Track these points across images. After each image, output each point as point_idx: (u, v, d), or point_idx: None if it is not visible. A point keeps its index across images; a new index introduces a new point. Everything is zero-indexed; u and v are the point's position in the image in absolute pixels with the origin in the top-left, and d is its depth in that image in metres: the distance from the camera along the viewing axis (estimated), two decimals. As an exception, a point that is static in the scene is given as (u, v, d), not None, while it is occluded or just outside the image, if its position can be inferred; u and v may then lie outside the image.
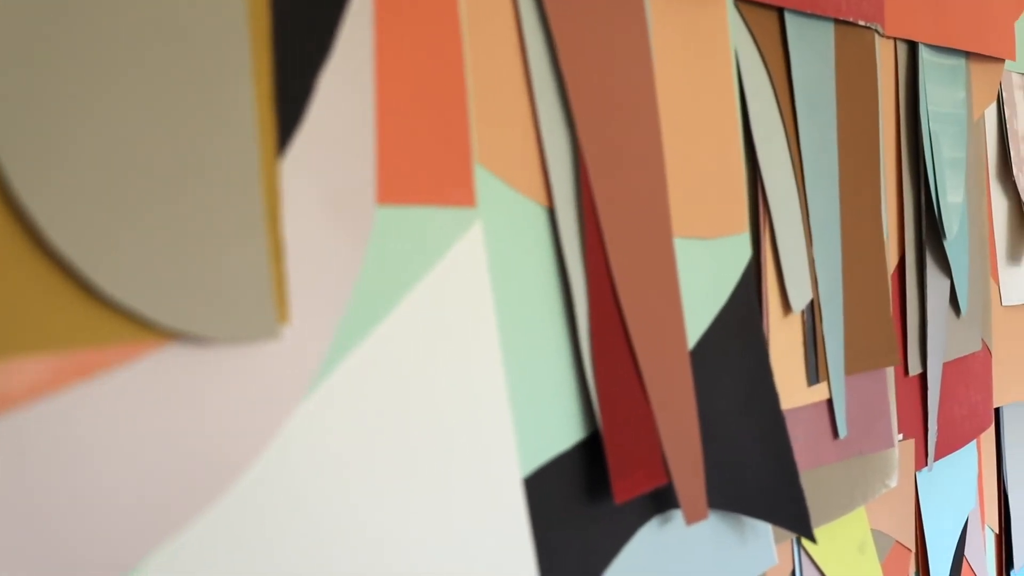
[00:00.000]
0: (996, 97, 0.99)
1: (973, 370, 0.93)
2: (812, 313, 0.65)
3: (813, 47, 0.67)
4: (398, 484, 0.36)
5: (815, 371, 0.66)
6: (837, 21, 0.69)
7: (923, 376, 0.83)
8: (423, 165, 0.37)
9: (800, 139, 0.65)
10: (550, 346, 0.44)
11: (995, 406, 0.99)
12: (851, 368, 0.69)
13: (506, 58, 0.43)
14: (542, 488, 0.43)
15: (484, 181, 0.41)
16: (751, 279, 0.57)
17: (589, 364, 0.46)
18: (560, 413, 0.45)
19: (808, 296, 0.64)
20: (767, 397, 0.57)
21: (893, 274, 0.79)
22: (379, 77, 0.36)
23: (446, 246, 0.38)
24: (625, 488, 0.46)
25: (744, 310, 0.56)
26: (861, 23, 0.71)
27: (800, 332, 0.64)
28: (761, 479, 0.55)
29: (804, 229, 0.65)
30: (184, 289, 0.30)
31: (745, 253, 0.57)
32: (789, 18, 0.64)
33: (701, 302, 0.53)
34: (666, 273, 0.49)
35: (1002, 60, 0.95)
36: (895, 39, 0.79)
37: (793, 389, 0.64)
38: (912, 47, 0.82)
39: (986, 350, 0.95)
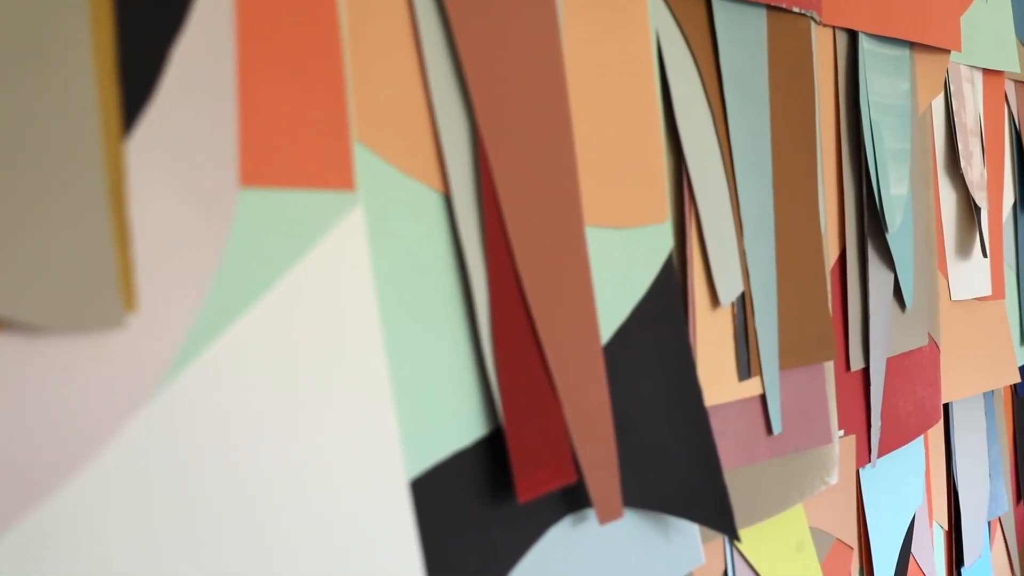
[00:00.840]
0: (943, 89, 0.98)
1: (920, 365, 0.92)
2: (743, 306, 0.64)
3: (743, 33, 0.65)
4: (265, 489, 0.34)
5: (747, 366, 0.64)
6: (770, 7, 0.68)
7: (866, 371, 0.81)
8: (294, 145, 0.35)
9: (729, 127, 0.63)
10: (446, 339, 0.42)
11: (944, 401, 0.97)
12: (786, 363, 0.68)
13: (394, 34, 0.41)
14: (437, 487, 0.41)
15: (369, 164, 0.39)
16: (672, 270, 0.55)
17: (490, 358, 0.44)
18: (458, 409, 0.43)
19: (738, 289, 0.63)
20: (689, 392, 0.55)
21: (834, 267, 0.78)
22: (242, 50, 0.33)
23: (320, 232, 0.35)
24: (529, 486, 0.44)
25: (664, 302, 0.54)
26: (795, 10, 0.70)
27: (731, 326, 0.63)
28: (682, 476, 0.54)
29: (734, 219, 0.63)
30: (15, 275, 0.28)
31: (666, 243, 0.55)
32: (716, 3, 0.62)
33: (617, 294, 0.51)
34: (576, 263, 0.48)
35: (948, 51, 0.94)
36: (834, 27, 0.78)
37: (723, 384, 0.62)
38: (852, 36, 0.80)
39: (933, 345, 0.94)
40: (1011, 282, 1.18)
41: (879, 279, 0.83)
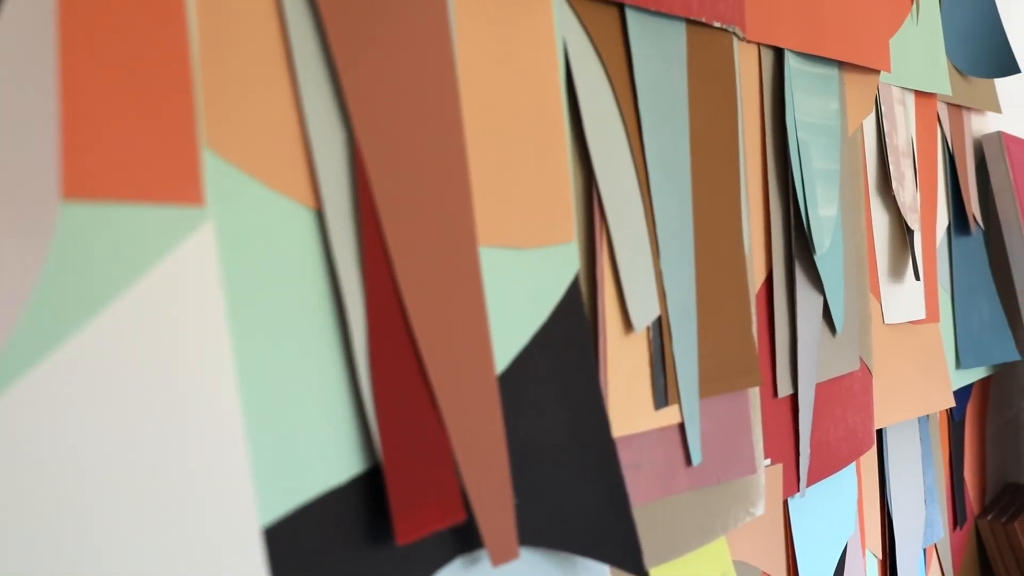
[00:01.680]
0: (873, 109, 0.96)
1: (851, 390, 0.90)
2: (660, 331, 0.61)
3: (660, 47, 0.63)
4: (86, 547, 0.30)
5: (663, 393, 0.61)
6: (689, 21, 0.66)
7: (794, 397, 0.79)
8: (129, 154, 0.31)
9: (645, 144, 0.60)
10: (316, 368, 0.39)
11: (877, 427, 0.96)
12: (707, 390, 0.65)
13: (257, 31, 0.37)
14: (303, 532, 0.38)
15: (227, 177, 0.36)
16: (578, 293, 0.52)
17: (367, 386, 0.40)
18: (330, 443, 0.39)
19: (654, 312, 0.60)
20: (595, 422, 0.52)
21: (760, 290, 0.76)
22: (65, 45, 0.30)
23: (160, 252, 0.32)
24: (410, 527, 0.41)
25: (570, 327, 0.51)
26: (716, 24, 0.68)
27: (646, 351, 0.60)
28: (587, 511, 0.51)
29: (650, 240, 0.60)
30: None
31: (572, 265, 0.52)
32: (631, 15, 0.60)
33: (516, 318, 0.48)
34: (467, 286, 0.44)
35: (877, 72, 0.93)
36: (759, 44, 0.76)
37: (638, 413, 0.59)
38: (779, 54, 0.78)
39: (865, 370, 0.92)
40: (946, 305, 1.17)
41: (808, 302, 0.81)
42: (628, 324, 0.58)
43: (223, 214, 0.35)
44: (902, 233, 1.03)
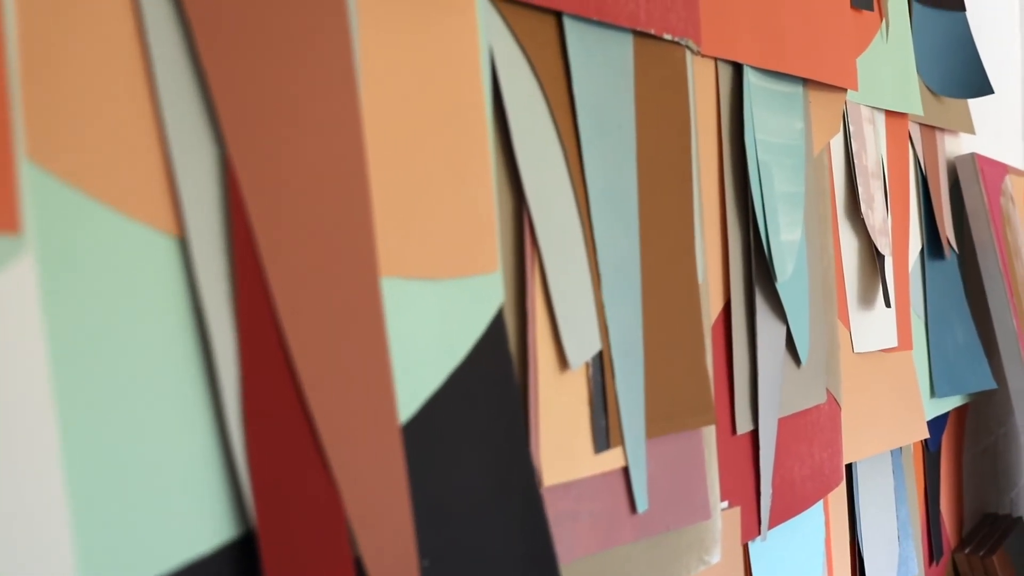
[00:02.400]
0: (841, 129, 0.92)
1: (818, 424, 0.85)
2: (601, 367, 0.56)
3: (603, 59, 0.58)
4: None
5: (604, 435, 0.56)
6: (637, 33, 0.61)
7: (755, 434, 0.74)
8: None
9: (585, 164, 0.56)
10: (174, 422, 0.33)
11: (847, 462, 0.91)
12: (655, 430, 0.60)
13: (108, 33, 0.32)
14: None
15: (63, 201, 0.31)
16: (502, 328, 0.47)
17: (240, 442, 0.35)
18: (194, 507, 0.34)
19: (594, 347, 0.55)
20: (520, 471, 0.47)
21: (717, 320, 0.71)
22: None
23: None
24: (290, 603, 0.35)
25: (491, 367, 0.46)
26: (667, 37, 0.63)
27: (585, 390, 0.55)
28: (508, 571, 0.45)
29: (590, 268, 0.55)
30: None
31: (495, 297, 0.47)
32: (569, 24, 0.55)
33: (427, 359, 0.43)
34: (365, 323, 0.39)
35: (844, 90, 0.89)
36: (716, 59, 0.72)
37: (576, 458, 0.54)
38: (738, 69, 0.74)
39: (833, 402, 0.87)
40: (919, 332, 1.13)
41: (769, 332, 0.76)
42: (564, 361, 0.53)
43: (57, 244, 0.30)
44: (872, 258, 0.99)
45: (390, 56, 0.43)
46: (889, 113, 1.04)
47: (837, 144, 0.93)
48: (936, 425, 1.19)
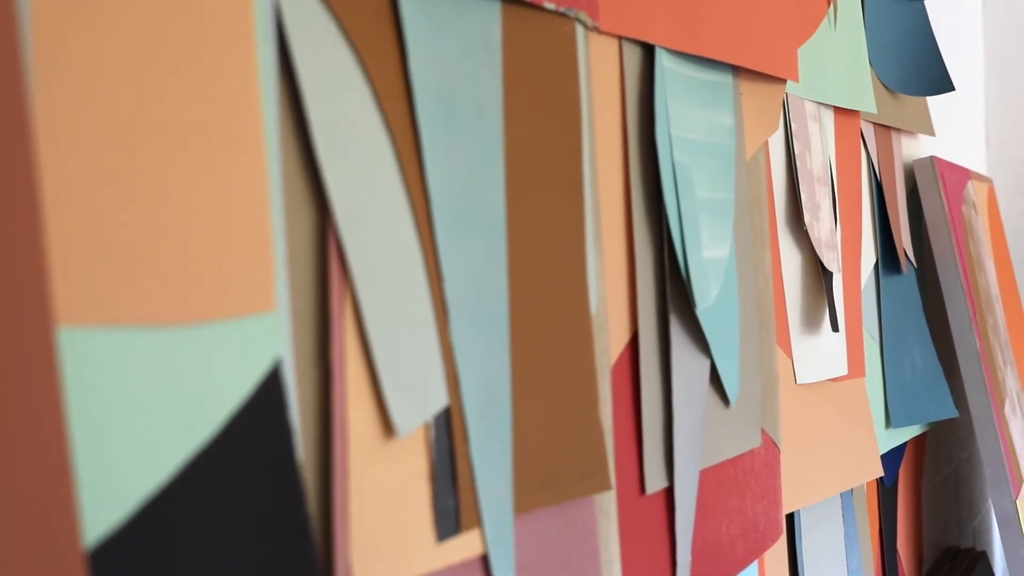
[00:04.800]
0: (780, 127, 0.80)
1: (752, 472, 0.72)
2: (449, 429, 0.43)
3: (455, 32, 0.45)
4: None
5: (453, 518, 0.43)
6: (507, 0, 0.48)
7: (669, 491, 0.61)
8: None
9: (426, 165, 0.43)
10: None
11: (788, 511, 0.79)
12: (527, 503, 0.47)
13: None
14: None
15: None
16: (280, 388, 0.34)
17: None
18: None
19: (436, 404, 0.42)
20: (302, 570, 0.34)
21: (621, 357, 0.58)
22: None
23: None
24: None
25: (260, 440, 0.33)
26: (549, 7, 0.50)
27: (424, 461, 0.42)
28: None
29: (432, 301, 0.42)
30: None
31: (268, 347, 0.34)
32: (403, -17, 0.42)
33: (152, 436, 0.30)
34: (41, 392, 0.26)
35: (783, 81, 0.77)
36: (620, 38, 0.59)
37: (409, 551, 0.41)
38: (649, 52, 0.61)
39: (770, 444, 0.75)
40: (873, 356, 1.01)
41: (687, 368, 0.63)
42: (388, 426, 0.40)
43: None
44: (818, 275, 0.87)
45: (90, 22, 0.30)
46: (838, 110, 0.92)
47: (777, 145, 0.81)
48: (892, 457, 1.08)
